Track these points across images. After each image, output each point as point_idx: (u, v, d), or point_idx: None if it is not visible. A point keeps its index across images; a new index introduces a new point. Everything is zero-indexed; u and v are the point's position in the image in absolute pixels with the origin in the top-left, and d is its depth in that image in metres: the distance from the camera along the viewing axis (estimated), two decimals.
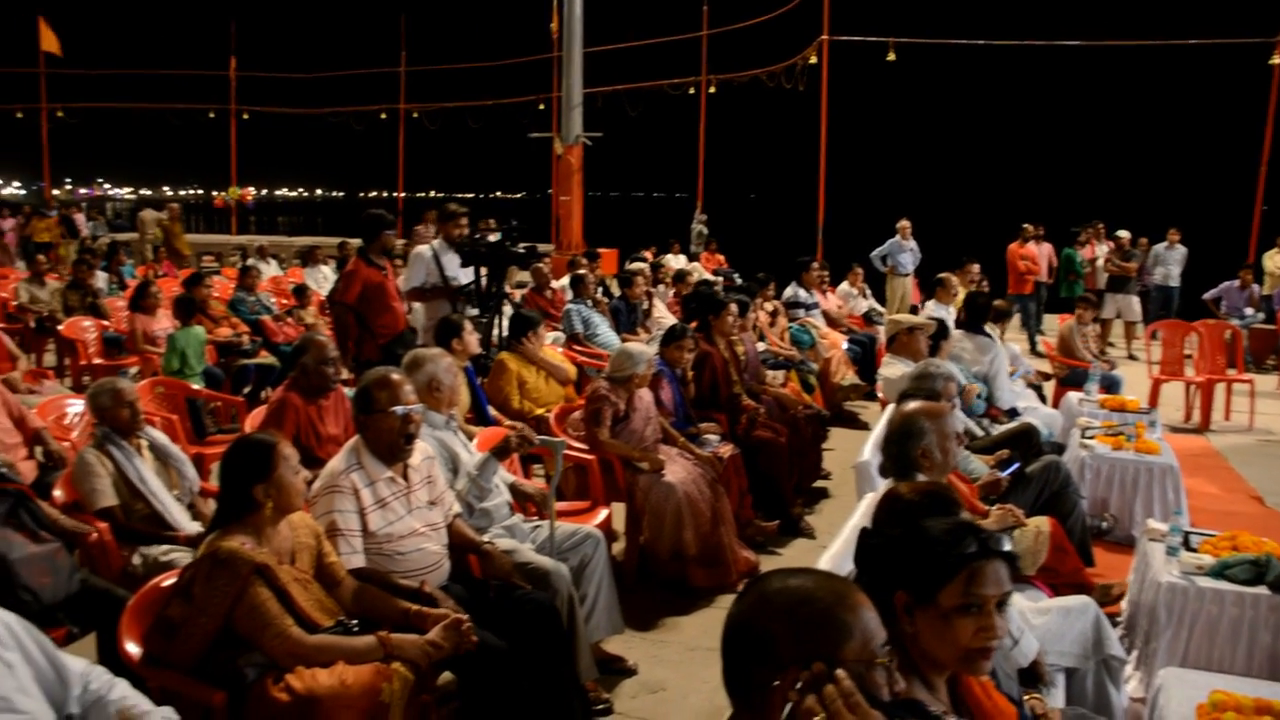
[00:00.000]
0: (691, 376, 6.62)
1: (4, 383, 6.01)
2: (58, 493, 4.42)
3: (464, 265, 7.33)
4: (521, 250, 7.32)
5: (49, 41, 29.27)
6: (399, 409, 3.68)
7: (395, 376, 3.78)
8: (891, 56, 20.36)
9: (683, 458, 5.66)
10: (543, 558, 4.13)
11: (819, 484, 7.33)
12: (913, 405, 3.91)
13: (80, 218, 20.48)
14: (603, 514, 5.20)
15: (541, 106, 27.12)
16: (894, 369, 6.62)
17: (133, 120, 33.54)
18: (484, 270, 7.33)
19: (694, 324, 6.94)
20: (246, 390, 8.42)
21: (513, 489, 4.63)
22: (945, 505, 2.66)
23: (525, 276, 11.22)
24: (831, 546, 3.70)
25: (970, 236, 21.66)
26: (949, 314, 8.77)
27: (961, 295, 8.94)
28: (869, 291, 13.03)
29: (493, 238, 7.39)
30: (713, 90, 26.03)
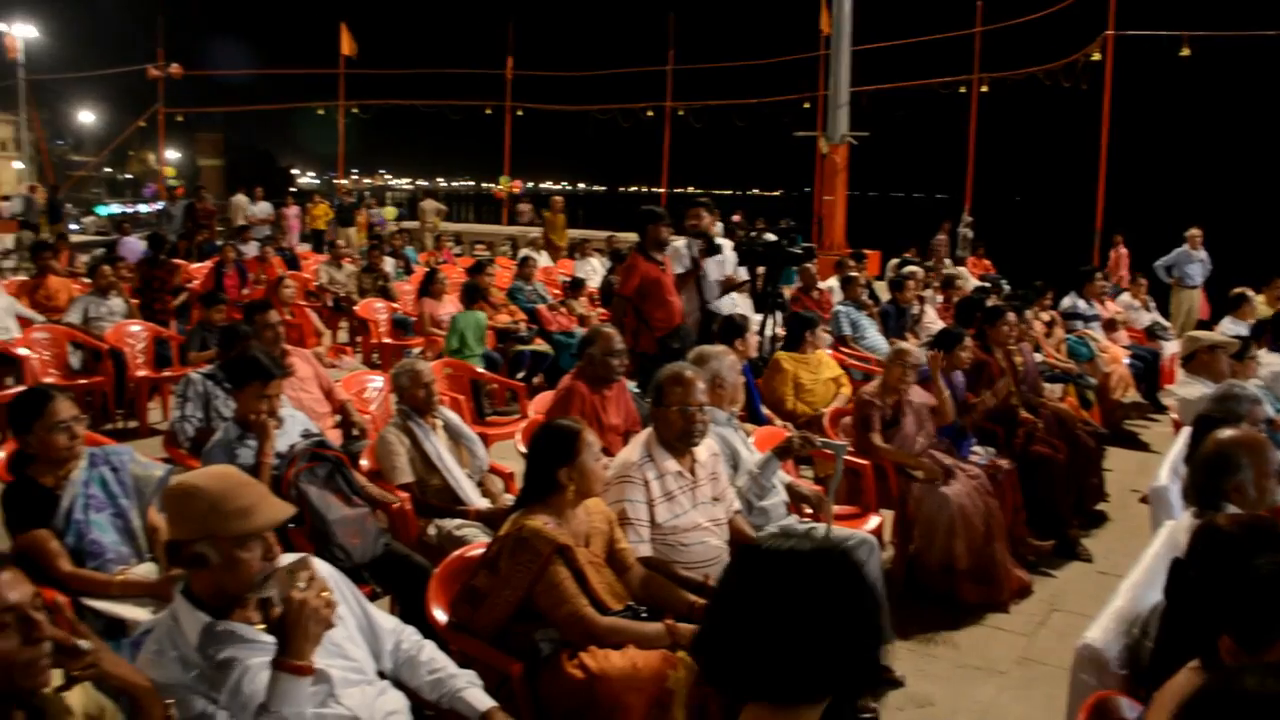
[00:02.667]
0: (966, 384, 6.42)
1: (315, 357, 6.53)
2: (364, 462, 4.78)
3: (740, 264, 7.40)
4: (799, 250, 7.32)
5: (348, 45, 31.59)
6: (689, 407, 3.77)
7: (689, 374, 3.86)
8: (1185, 51, 19.04)
9: (959, 467, 5.52)
10: None
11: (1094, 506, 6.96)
12: (1229, 434, 3.64)
13: (364, 210, 21.93)
14: (874, 520, 5.13)
15: (806, 105, 26.99)
16: (1192, 389, 6.19)
17: (415, 116, 35.71)
18: (760, 270, 7.37)
19: (970, 331, 6.73)
20: (520, 375, 8.80)
21: (789, 489, 4.65)
22: (1273, 541, 2.47)
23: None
24: (1131, 574, 3.50)
25: (1269, 250, 19.97)
26: (1246, 333, 8.13)
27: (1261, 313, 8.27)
28: (1153, 304, 12.24)
29: (770, 237, 7.42)
30: (985, 89, 25.16)
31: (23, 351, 7.76)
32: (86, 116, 64.21)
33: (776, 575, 1.54)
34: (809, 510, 4.74)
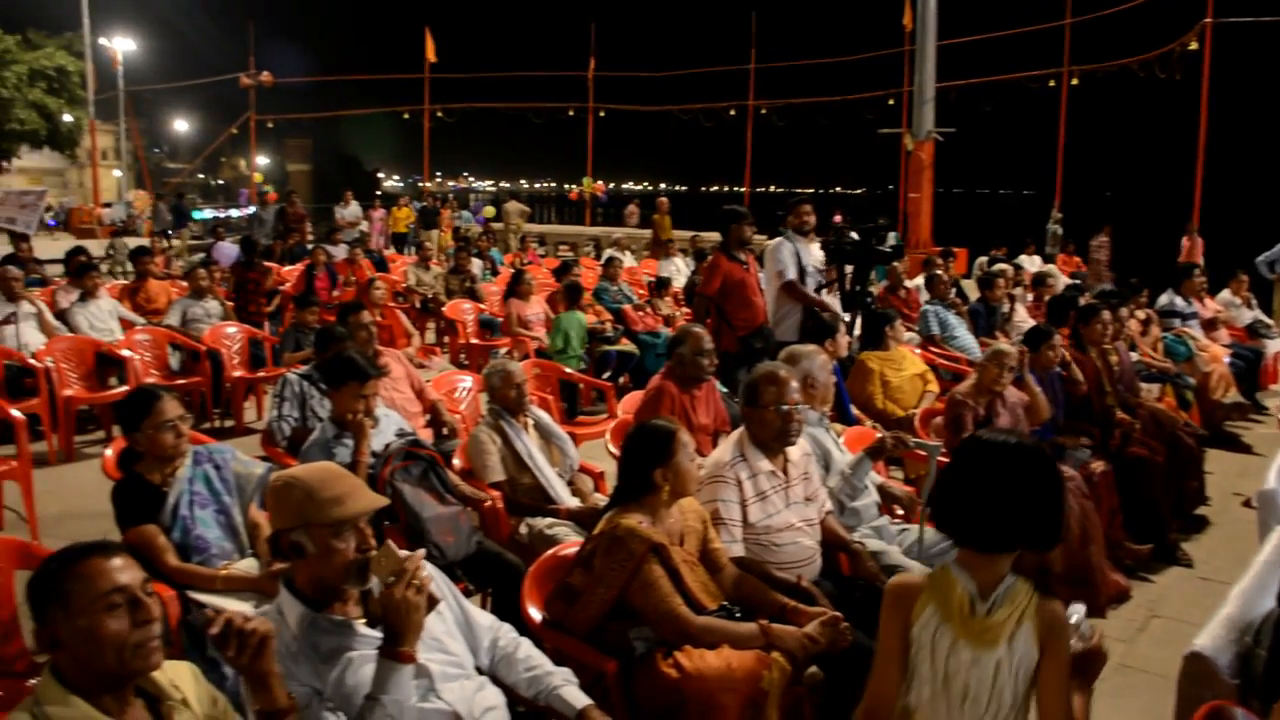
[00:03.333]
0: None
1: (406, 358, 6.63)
2: (456, 461, 4.84)
3: (829, 263, 7.35)
4: (889, 248, 7.23)
5: (431, 50, 32.09)
6: (784, 406, 3.75)
7: (783, 373, 3.84)
8: None
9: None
10: (913, 562, 4.07)
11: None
12: None
13: (447, 211, 22.19)
14: None
15: (891, 102, 26.69)
16: None
17: (498, 119, 36.10)
18: (848, 268, 7.30)
19: (1065, 330, 6.60)
20: (606, 375, 8.84)
21: (881, 490, 4.60)
22: None
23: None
24: (1240, 580, 3.40)
25: None
26: None
27: None
28: (1255, 301, 11.85)
29: (856, 234, 7.34)
30: (1075, 82, 24.61)
31: (126, 353, 8.01)
32: (181, 125, 66.04)
33: (992, 458, 2.26)
34: (900, 512, 4.69)
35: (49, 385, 7.35)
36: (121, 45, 35.52)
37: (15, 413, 6.04)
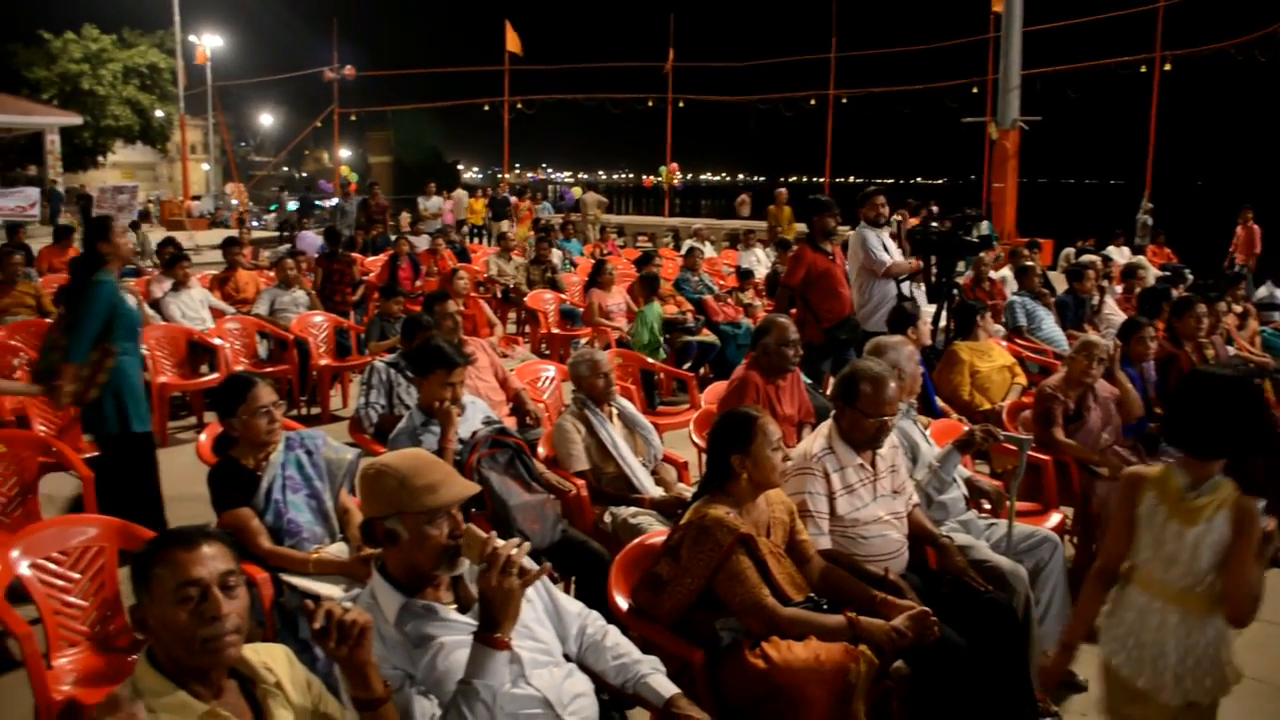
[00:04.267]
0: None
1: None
2: (541, 450, 4.86)
3: (914, 254, 7.25)
4: (977, 239, 7.10)
5: (513, 42, 32.33)
6: (883, 418, 3.71)
7: (890, 387, 3.77)
8: None
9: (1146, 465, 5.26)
10: (1000, 557, 4.00)
11: None
12: None
13: (528, 201, 22.33)
14: (1055, 518, 4.94)
15: (975, 90, 26.25)
16: None
17: (577, 110, 36.29)
18: (934, 259, 7.18)
19: (1159, 323, 6.43)
20: (687, 366, 8.83)
21: (968, 484, 4.52)
22: None
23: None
24: None
25: None
26: None
27: None
28: None
29: (939, 225, 7.21)
30: (1167, 68, 23.94)
31: (217, 341, 8.20)
32: (266, 119, 67.40)
33: (1208, 386, 2.86)
34: (987, 506, 4.61)
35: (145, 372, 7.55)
36: (210, 42, 36.39)
37: None
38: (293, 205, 33.61)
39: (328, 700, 2.31)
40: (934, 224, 7.20)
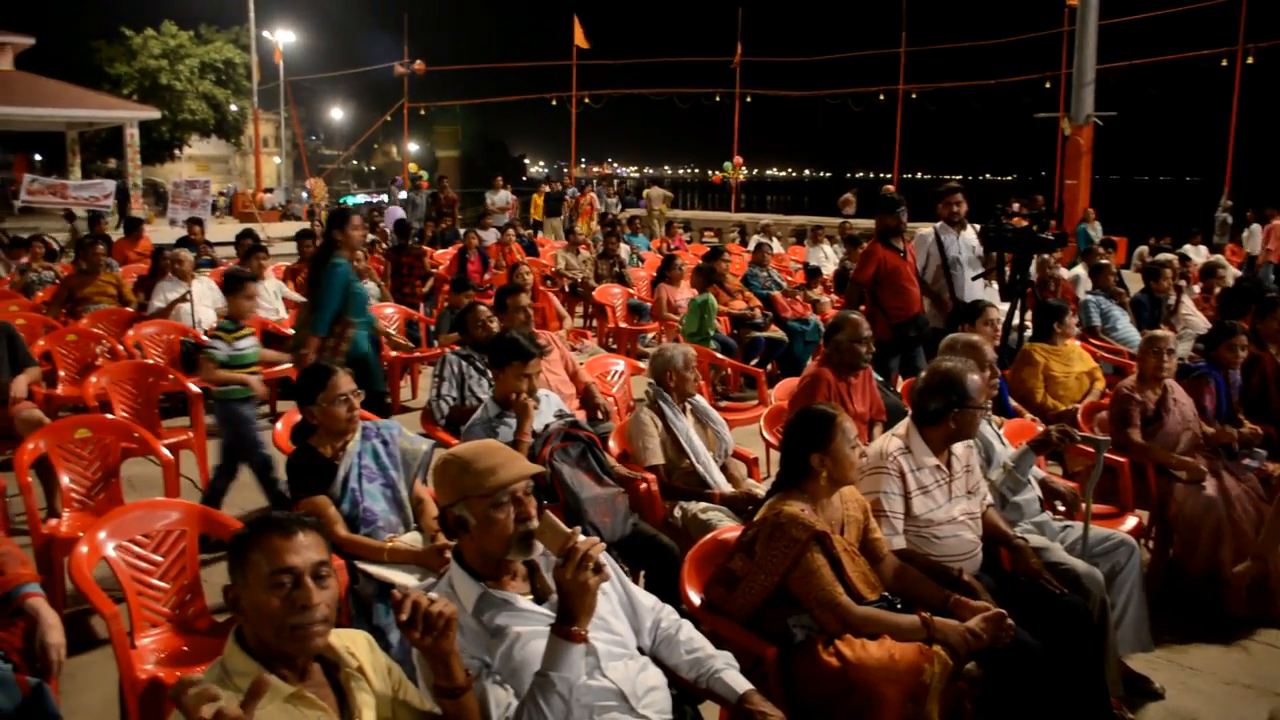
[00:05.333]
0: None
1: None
2: (612, 444, 4.88)
3: (987, 250, 7.17)
4: (1051, 236, 6.99)
5: (580, 36, 32.44)
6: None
7: (975, 376, 3.74)
8: None
9: (1227, 470, 5.15)
10: (1075, 559, 3.95)
11: None
12: None
13: (593, 195, 22.32)
14: (1132, 521, 4.86)
15: (1048, 85, 25.81)
16: None
17: (642, 104, 36.33)
18: (1008, 256, 7.08)
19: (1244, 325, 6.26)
20: (754, 361, 8.81)
21: (1043, 485, 4.46)
22: None
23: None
24: None
25: None
26: None
27: None
28: None
29: (1020, 222, 7.10)
30: (1250, 61, 23.32)
31: (290, 331, 8.34)
32: (336, 113, 68.45)
33: None
34: (1061, 508, 4.54)
35: None
36: (283, 38, 36.97)
37: (193, 386, 6.36)
38: (359, 199, 34.14)
39: (407, 687, 2.35)
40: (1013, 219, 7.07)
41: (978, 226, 7.47)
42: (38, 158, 36.95)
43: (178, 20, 38.34)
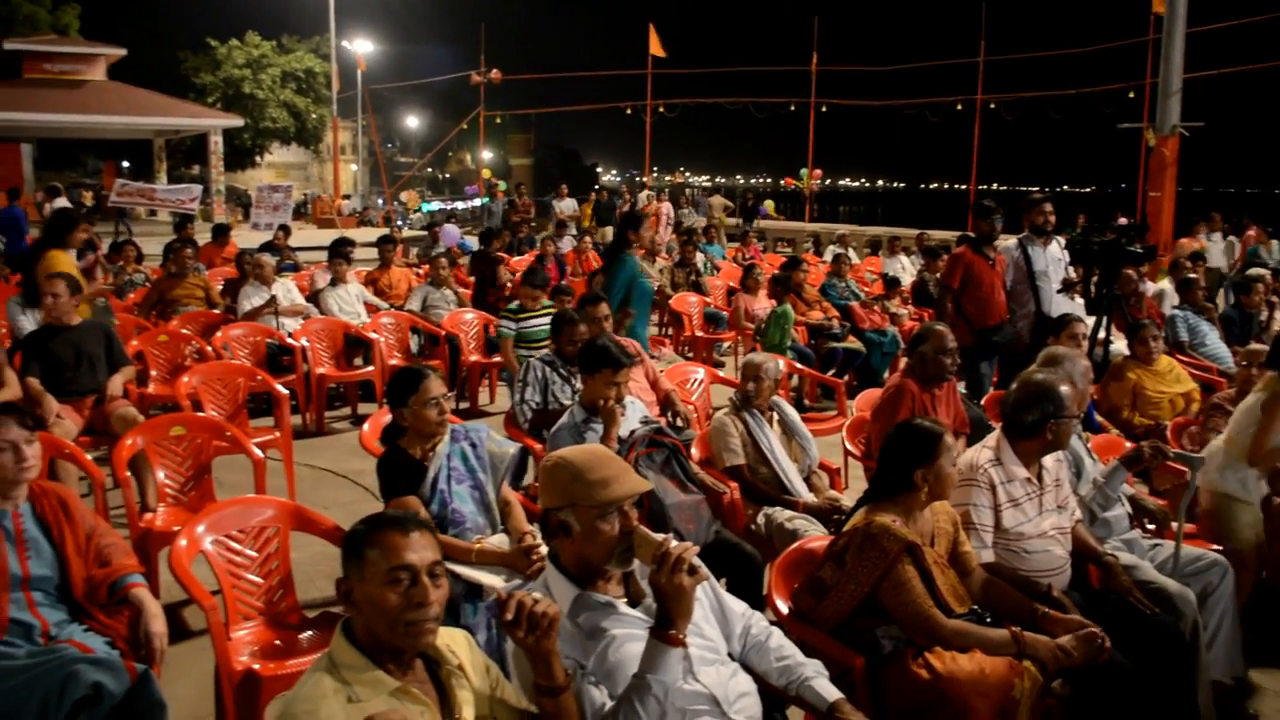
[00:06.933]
0: None
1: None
2: (695, 451, 4.90)
3: (1072, 263, 7.09)
4: (1140, 250, 6.87)
5: (656, 45, 32.55)
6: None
7: (1066, 388, 3.71)
8: None
9: None
10: (1166, 578, 3.87)
11: None
12: None
13: (665, 205, 22.31)
14: None
15: (1131, 95, 25.32)
16: None
17: (715, 113, 36.32)
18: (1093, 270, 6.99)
19: None
20: (831, 372, 8.76)
21: (1132, 501, 4.39)
22: None
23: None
24: None
25: None
26: None
27: None
28: None
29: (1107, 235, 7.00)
30: None
31: (373, 335, 8.49)
32: (411, 121, 69.44)
33: None
34: (1151, 526, 4.46)
35: (305, 363, 7.88)
36: (361, 47, 37.62)
37: (280, 388, 6.51)
38: (434, 205, 34.53)
39: (504, 685, 2.39)
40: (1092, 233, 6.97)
41: (1062, 239, 7.38)
42: (125, 164, 38.01)
43: (261, 31, 39.25)
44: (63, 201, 16.05)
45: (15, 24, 30.54)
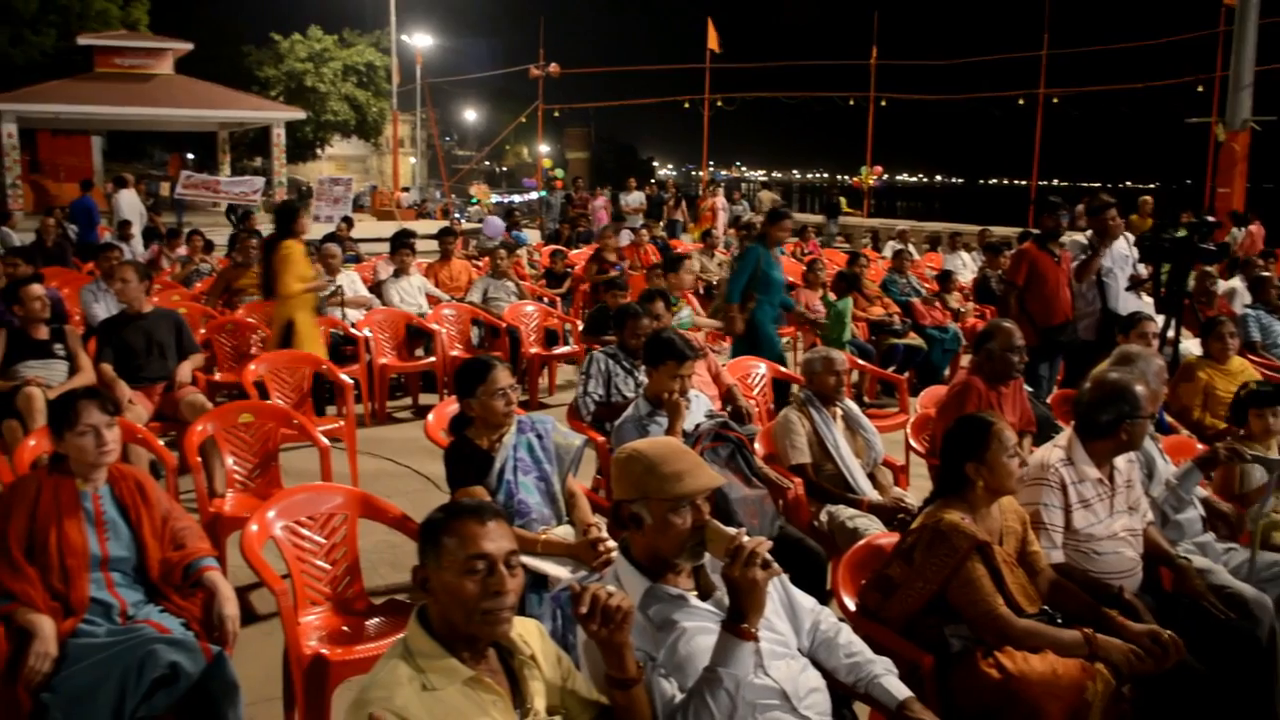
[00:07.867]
0: None
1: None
2: (759, 446, 4.88)
3: (1142, 260, 6.97)
4: (1212, 247, 6.72)
5: (714, 40, 32.48)
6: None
7: (1140, 388, 3.65)
8: None
9: None
10: (1241, 583, 3.80)
11: None
12: None
13: (720, 199, 22.21)
14: None
15: (1200, 89, 24.80)
16: None
17: (774, 108, 36.16)
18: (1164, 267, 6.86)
19: None
20: (892, 368, 8.69)
21: (1205, 504, 4.31)
22: None
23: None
24: None
25: None
26: None
27: None
28: None
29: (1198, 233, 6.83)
30: None
31: (434, 326, 8.56)
32: (469, 115, 69.85)
33: None
34: (1224, 530, 4.37)
35: (367, 354, 7.97)
36: (420, 42, 37.93)
37: (345, 377, 6.59)
38: (494, 199, 34.70)
39: (576, 676, 2.40)
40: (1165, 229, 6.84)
41: (1132, 236, 7.26)
42: (190, 156, 38.67)
43: (323, 25, 39.73)
44: (130, 193, 16.33)
45: (88, 20, 31.15)
